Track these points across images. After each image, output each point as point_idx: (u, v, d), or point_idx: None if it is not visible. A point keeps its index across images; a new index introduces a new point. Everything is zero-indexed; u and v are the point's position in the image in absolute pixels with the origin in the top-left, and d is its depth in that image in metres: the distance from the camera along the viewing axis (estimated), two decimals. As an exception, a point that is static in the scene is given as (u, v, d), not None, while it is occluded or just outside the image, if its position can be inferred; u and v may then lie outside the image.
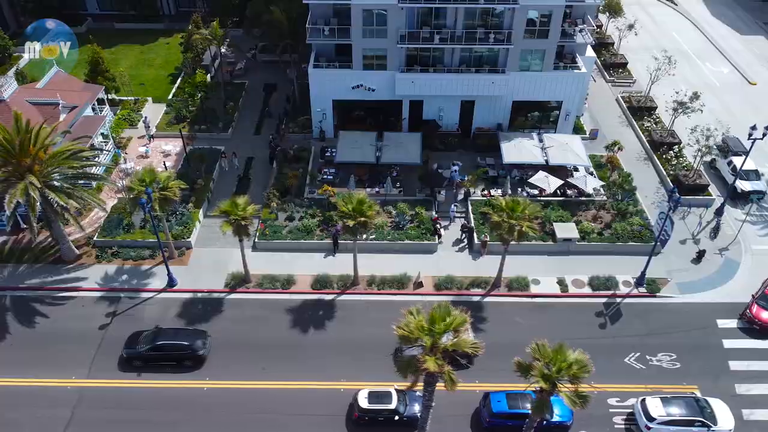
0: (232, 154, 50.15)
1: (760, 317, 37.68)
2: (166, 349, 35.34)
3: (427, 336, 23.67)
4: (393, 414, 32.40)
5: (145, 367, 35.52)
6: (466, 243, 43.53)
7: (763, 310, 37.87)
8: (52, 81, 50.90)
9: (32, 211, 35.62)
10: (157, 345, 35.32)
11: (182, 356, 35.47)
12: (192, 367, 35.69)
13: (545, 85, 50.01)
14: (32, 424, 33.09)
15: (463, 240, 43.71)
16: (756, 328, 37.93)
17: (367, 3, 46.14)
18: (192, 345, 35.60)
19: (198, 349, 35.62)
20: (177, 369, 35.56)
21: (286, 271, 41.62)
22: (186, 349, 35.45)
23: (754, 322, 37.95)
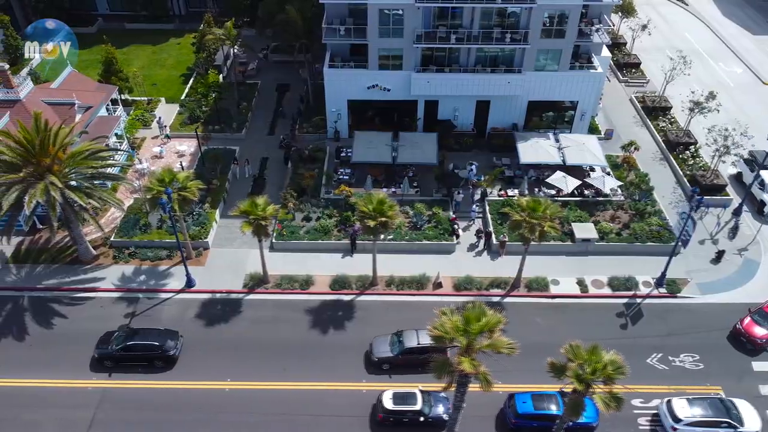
0: (245, 162, 49.68)
1: (750, 331, 36.51)
2: (137, 349, 35.16)
3: (462, 336, 23.48)
4: (418, 415, 32.24)
5: (117, 367, 35.34)
6: (482, 247, 43.15)
7: (756, 324, 36.70)
8: (67, 81, 50.88)
9: (52, 212, 35.49)
10: (128, 345, 35.14)
11: (153, 356, 35.28)
12: (163, 367, 35.48)
13: (561, 84, 49.89)
14: (54, 425, 32.98)
15: (478, 245, 43.37)
16: (743, 340, 36.94)
17: (384, 3, 46.03)
18: (163, 345, 35.39)
19: (169, 350, 35.42)
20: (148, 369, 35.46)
21: (304, 271, 41.47)
22: (157, 350, 35.24)
23: (741, 335, 36.89)
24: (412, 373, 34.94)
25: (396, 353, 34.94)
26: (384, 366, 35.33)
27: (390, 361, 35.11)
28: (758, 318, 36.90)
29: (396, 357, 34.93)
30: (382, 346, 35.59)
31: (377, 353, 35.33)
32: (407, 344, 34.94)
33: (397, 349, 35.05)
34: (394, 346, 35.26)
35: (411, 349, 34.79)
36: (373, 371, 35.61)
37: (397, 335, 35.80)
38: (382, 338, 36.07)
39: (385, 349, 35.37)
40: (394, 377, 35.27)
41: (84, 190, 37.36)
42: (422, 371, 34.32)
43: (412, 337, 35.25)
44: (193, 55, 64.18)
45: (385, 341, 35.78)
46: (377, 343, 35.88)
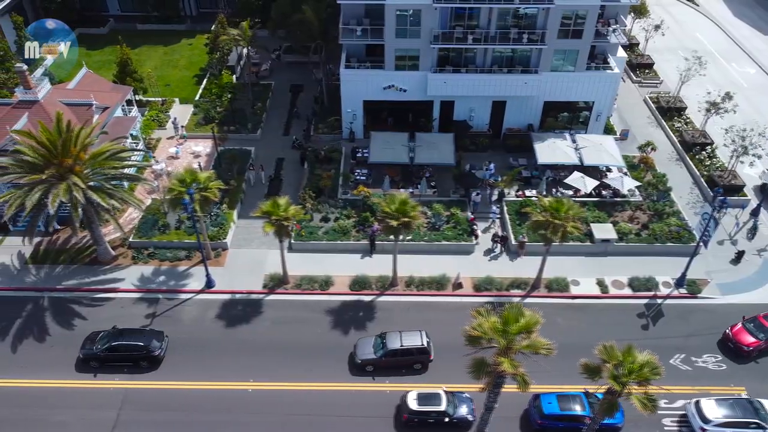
0: (259, 167, 49.37)
1: (738, 338, 36.32)
2: (122, 349, 35.14)
3: (501, 337, 23.44)
4: (442, 416, 32.21)
5: (102, 367, 35.27)
6: (498, 252, 43.02)
7: (746, 332, 36.46)
8: (82, 81, 50.80)
9: (75, 212, 35.50)
10: (113, 345, 35.09)
11: (138, 357, 35.25)
12: (148, 368, 35.46)
13: (577, 85, 49.83)
14: (79, 426, 32.95)
15: (495, 250, 43.23)
16: (730, 346, 36.79)
17: (401, 3, 45.99)
18: (148, 345, 35.35)
19: (154, 350, 35.39)
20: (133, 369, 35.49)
21: (323, 272, 41.42)
22: (142, 350, 35.20)
23: (729, 341, 36.80)
24: (396, 374, 35.13)
25: (379, 355, 34.95)
26: (367, 368, 35.32)
27: (373, 363, 35.13)
28: (750, 327, 36.66)
29: (379, 359, 34.95)
30: (365, 348, 35.61)
31: (360, 355, 35.32)
32: (390, 346, 34.94)
33: (380, 352, 35.04)
34: (378, 348, 35.26)
35: (394, 351, 34.83)
36: (398, 373, 35.53)
37: (380, 337, 35.84)
38: (365, 340, 36.09)
39: (369, 351, 35.37)
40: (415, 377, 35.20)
41: (105, 191, 37.31)
42: (405, 373, 34.75)
43: (395, 339, 35.25)
44: (206, 56, 64.10)
45: (368, 343, 35.81)
46: (360, 345, 35.87)
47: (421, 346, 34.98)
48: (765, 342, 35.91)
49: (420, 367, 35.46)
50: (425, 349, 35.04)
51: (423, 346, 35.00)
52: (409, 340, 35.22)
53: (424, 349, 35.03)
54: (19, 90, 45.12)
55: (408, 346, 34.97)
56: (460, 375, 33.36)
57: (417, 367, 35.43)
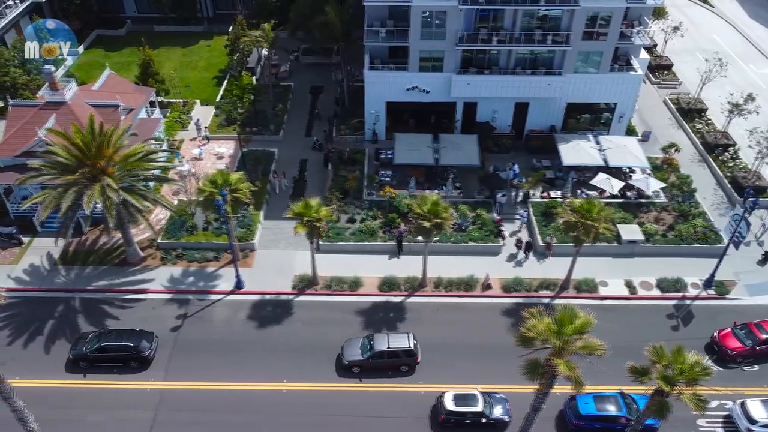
0: (281, 174, 49.15)
1: (724, 342, 36.35)
2: (112, 350, 35.23)
3: (556, 338, 23.57)
4: (479, 417, 32.35)
5: (91, 368, 35.38)
6: (522, 258, 42.95)
7: (733, 338, 36.42)
8: (106, 83, 50.99)
9: (110, 213, 35.62)
10: (102, 346, 35.19)
11: (128, 357, 35.36)
12: (139, 368, 35.55)
13: (601, 86, 49.95)
14: (116, 426, 33.10)
15: (517, 255, 43.15)
16: (715, 348, 36.82)
17: (427, 4, 46.15)
18: (138, 346, 35.45)
19: (144, 350, 35.51)
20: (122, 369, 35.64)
21: (350, 273, 41.55)
22: (131, 350, 35.30)
23: (715, 344, 36.88)
24: (383, 376, 35.33)
25: (366, 357, 35.09)
26: (354, 369, 35.46)
27: (360, 364, 35.28)
28: (738, 333, 36.64)
29: (366, 360, 35.10)
30: (352, 349, 35.75)
31: (347, 356, 35.47)
32: (377, 348, 35.08)
33: (367, 353, 35.18)
34: (365, 350, 35.41)
35: (381, 353, 34.98)
36: (431, 374, 35.66)
37: (368, 338, 36.00)
38: (353, 341, 36.26)
39: (356, 352, 35.51)
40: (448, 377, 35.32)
41: (138, 192, 37.47)
42: (392, 374, 34.96)
43: (382, 341, 35.40)
44: (225, 58, 64.31)
45: (355, 344, 35.96)
46: (348, 346, 36.02)
47: (408, 348, 35.19)
48: (751, 349, 35.87)
49: (407, 369, 35.65)
50: (412, 351, 35.23)
51: (410, 348, 35.20)
52: (397, 342, 35.40)
53: (411, 351, 35.22)
54: (46, 91, 45.32)
55: (395, 348, 35.17)
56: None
57: (404, 369, 35.61)
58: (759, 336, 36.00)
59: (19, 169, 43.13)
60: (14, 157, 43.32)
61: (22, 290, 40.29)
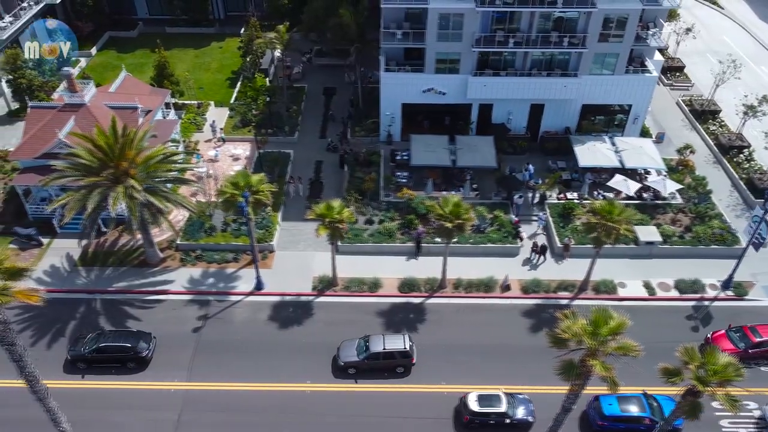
0: (297, 179, 48.98)
1: (718, 344, 35.09)
2: (109, 350, 35.34)
3: (591, 339, 23.72)
4: (503, 417, 32.50)
5: (89, 368, 35.51)
6: (538, 261, 42.96)
7: (726, 340, 36.51)
8: (123, 85, 51.16)
9: (134, 215, 35.81)
10: (100, 346, 35.32)
11: (126, 358, 35.47)
12: (136, 368, 35.61)
13: (616, 88, 50.11)
14: (142, 427, 33.24)
15: (532, 258, 43.18)
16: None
17: (444, 7, 46.33)
18: (135, 347, 35.56)
19: (141, 351, 35.61)
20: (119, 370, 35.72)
21: (369, 274, 41.70)
22: (129, 351, 35.39)
23: (709, 345, 36.70)
24: (378, 377, 35.50)
25: (362, 358, 35.24)
26: (350, 370, 35.60)
27: (355, 365, 35.44)
28: (732, 335, 36.75)
29: (362, 361, 35.25)
30: (348, 350, 35.91)
31: (343, 357, 35.61)
32: (373, 349, 35.24)
33: (363, 354, 35.33)
34: (361, 351, 35.56)
35: (377, 354, 35.13)
36: (453, 375, 35.82)
37: (364, 339, 36.15)
38: (349, 342, 36.38)
39: (352, 353, 35.65)
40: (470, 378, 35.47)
41: (160, 193, 37.64)
42: (387, 376, 35.15)
43: (378, 342, 35.56)
44: (237, 59, 64.50)
45: (351, 345, 36.10)
46: (344, 347, 36.17)
47: (404, 349, 35.34)
48: (743, 352, 35.85)
49: (402, 370, 35.79)
50: (407, 352, 35.37)
51: (405, 349, 35.35)
52: (392, 344, 35.51)
53: (407, 352, 35.36)
54: (65, 93, 45.47)
55: (391, 349, 35.29)
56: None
57: (399, 370, 35.75)
58: (752, 339, 36.09)
59: (39, 171, 43.29)
60: (34, 158, 43.49)
61: (43, 291, 40.22)
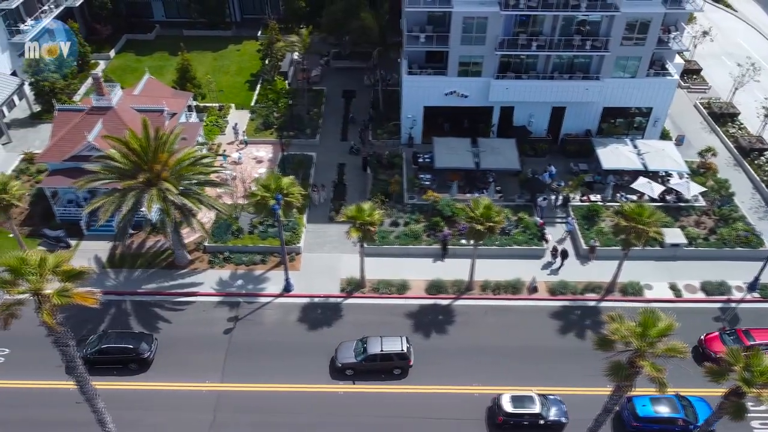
0: (321, 186, 48.92)
1: (710, 345, 36.80)
2: (112, 352, 35.63)
3: (641, 341, 23.99)
4: (537, 418, 32.74)
5: (91, 369, 35.09)
6: (558, 265, 43.10)
7: (719, 342, 36.69)
8: (146, 87, 51.45)
9: (169, 217, 36.08)
10: (102, 348, 35.60)
11: (128, 359, 35.73)
12: (137, 369, 35.77)
13: (637, 91, 50.40)
14: (176, 428, 33.49)
15: (554, 263, 43.26)
16: (701, 351, 37.27)
17: (469, 10, 46.64)
18: (137, 348, 35.83)
19: (143, 352, 35.89)
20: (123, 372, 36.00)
21: (395, 276, 41.95)
22: (131, 352, 35.63)
23: (701, 346, 37.36)
24: (376, 379, 35.78)
25: (359, 359, 35.51)
26: (347, 372, 35.85)
27: (353, 366, 35.69)
28: (726, 338, 36.94)
29: (359, 363, 35.52)
30: (346, 352, 36.17)
31: (341, 359, 35.88)
32: (371, 351, 35.49)
33: (361, 356, 35.59)
34: (358, 353, 35.83)
35: (374, 355, 35.37)
36: (484, 376, 36.08)
37: (362, 341, 36.41)
38: (346, 344, 36.64)
39: (349, 355, 35.92)
40: (502, 379, 35.73)
41: (194, 196, 37.92)
42: (385, 377, 35.41)
43: (376, 344, 35.81)
44: (255, 62, 64.87)
45: (349, 347, 36.37)
46: (342, 348, 36.44)
47: (401, 351, 35.60)
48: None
49: (400, 372, 36.05)
50: (405, 354, 35.63)
51: (403, 351, 35.61)
52: (390, 346, 35.77)
53: (404, 354, 35.62)
54: (93, 96, 45.77)
55: (388, 351, 35.56)
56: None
57: (397, 372, 36.00)
58: (745, 342, 36.22)
59: (67, 173, 43.76)
60: (63, 161, 43.81)
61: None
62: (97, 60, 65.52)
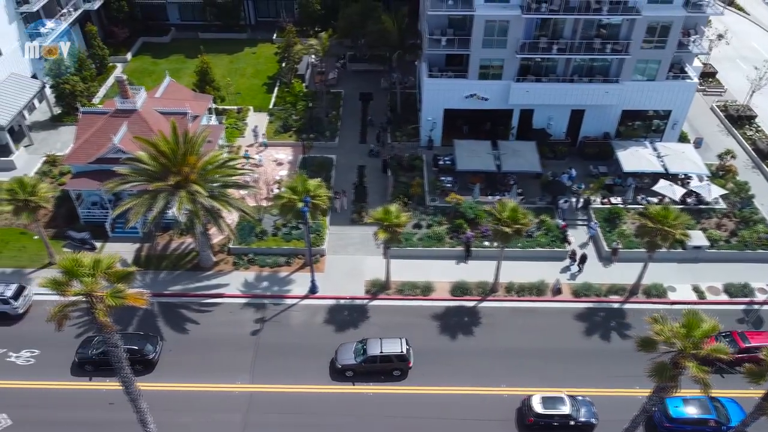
0: (342, 193, 48.63)
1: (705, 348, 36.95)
2: None
3: (686, 342, 24.22)
4: (567, 419, 32.93)
5: (97, 371, 35.96)
6: (576, 270, 43.14)
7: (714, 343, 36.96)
8: (167, 90, 51.66)
9: (198, 219, 36.32)
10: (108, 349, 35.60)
11: (133, 360, 35.40)
12: (143, 371, 36.00)
13: (657, 94, 50.64)
14: (208, 428, 33.69)
15: (572, 267, 43.32)
16: None
17: (491, 14, 46.91)
18: (142, 349, 36.08)
19: (148, 353, 36.14)
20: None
21: (418, 278, 42.16)
22: (136, 353, 35.78)
23: None
24: (376, 380, 36.00)
25: (359, 361, 35.75)
26: (347, 373, 36.10)
27: (353, 368, 35.94)
28: (721, 340, 36.53)
29: (359, 365, 35.76)
30: (346, 353, 36.42)
31: (340, 360, 36.11)
32: (370, 352, 35.72)
33: (360, 357, 35.84)
34: (358, 354, 36.07)
35: (374, 357, 35.59)
36: (512, 377, 36.30)
37: (361, 343, 36.67)
38: (346, 345, 36.91)
39: (349, 356, 36.17)
40: (529, 380, 35.93)
41: (222, 198, 38.17)
42: (384, 379, 35.70)
43: (375, 345, 36.04)
44: (271, 65, 65.21)
45: (349, 349, 36.63)
46: (342, 350, 36.69)
47: (401, 353, 35.84)
48: (732, 356, 36.20)
49: (399, 373, 36.26)
50: (404, 356, 35.87)
51: (402, 353, 35.85)
52: (389, 347, 36.01)
53: (403, 356, 35.86)
54: (117, 99, 46.03)
55: (388, 352, 35.79)
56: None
57: (396, 373, 36.22)
58: (740, 345, 36.42)
59: (92, 176, 44.07)
60: (88, 163, 44.07)
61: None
62: (115, 63, 65.83)
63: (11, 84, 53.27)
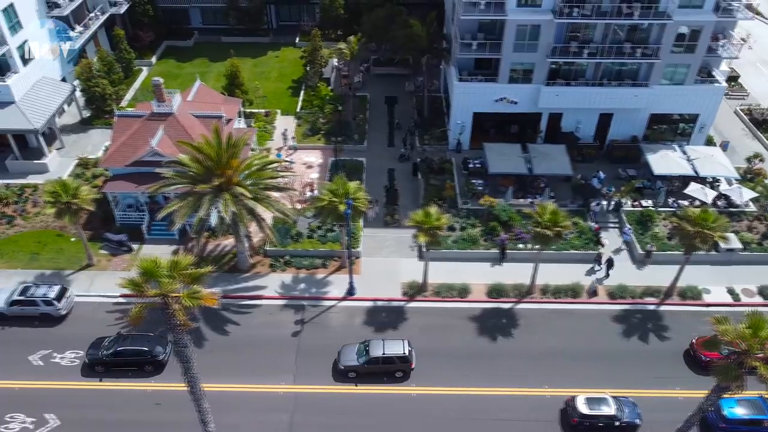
0: (375, 202, 47.97)
1: (700, 349, 36.82)
2: (127, 354, 36.17)
3: (754, 342, 24.56)
4: (612, 420, 33.20)
5: (107, 372, 36.36)
6: (604, 274, 43.31)
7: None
8: (198, 93, 52.05)
9: (242, 221, 36.70)
10: (118, 350, 36.15)
11: (143, 361, 36.29)
12: (153, 372, 36.31)
13: (685, 98, 51.00)
14: (255, 428, 34.03)
15: (596, 270, 43.51)
16: (691, 353, 37.79)
17: (522, 18, 47.32)
18: (152, 350, 36.39)
19: (158, 355, 36.48)
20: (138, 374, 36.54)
21: (456, 279, 42.49)
22: (146, 355, 36.19)
23: (692, 349, 37.73)
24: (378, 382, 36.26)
25: (362, 362, 36.03)
26: (350, 374, 36.38)
27: (356, 369, 36.24)
28: None
29: (361, 366, 36.05)
30: (348, 354, 36.71)
31: (343, 361, 36.40)
32: (373, 354, 35.99)
33: (363, 358, 36.12)
34: (360, 355, 36.36)
35: (376, 358, 35.89)
36: (554, 379, 36.63)
37: (364, 344, 36.97)
38: (349, 347, 37.21)
39: (352, 357, 36.46)
40: (572, 381, 36.23)
41: (265, 201, 38.55)
42: (387, 380, 36.02)
43: (377, 347, 36.30)
44: (294, 68, 65.68)
45: (352, 350, 36.92)
46: (344, 351, 36.98)
47: (403, 354, 36.10)
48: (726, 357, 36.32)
49: (401, 375, 36.55)
50: (406, 357, 36.13)
51: (404, 354, 36.11)
52: (392, 349, 36.27)
53: (406, 357, 36.12)
54: (153, 103, 46.42)
55: (390, 354, 36.04)
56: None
57: (398, 375, 36.51)
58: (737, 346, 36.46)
59: (128, 178, 44.50)
60: (125, 166, 44.48)
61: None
62: (140, 66, 66.26)
63: (43, 87, 53.70)
